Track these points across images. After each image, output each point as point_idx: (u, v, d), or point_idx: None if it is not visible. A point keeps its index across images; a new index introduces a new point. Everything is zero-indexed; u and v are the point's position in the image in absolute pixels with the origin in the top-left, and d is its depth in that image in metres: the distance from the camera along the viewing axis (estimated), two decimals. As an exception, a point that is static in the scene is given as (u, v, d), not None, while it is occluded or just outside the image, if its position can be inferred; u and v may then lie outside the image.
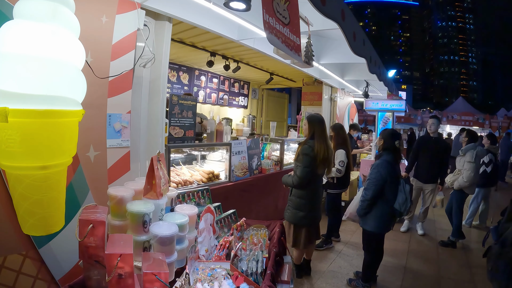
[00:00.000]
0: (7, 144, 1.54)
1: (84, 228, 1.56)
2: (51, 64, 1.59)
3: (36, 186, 1.66)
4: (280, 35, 2.62)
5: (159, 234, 1.94)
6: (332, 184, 5.57)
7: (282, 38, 2.65)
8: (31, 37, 1.56)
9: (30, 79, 1.53)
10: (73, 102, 1.73)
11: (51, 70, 1.58)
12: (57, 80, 1.61)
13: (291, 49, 2.83)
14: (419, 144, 6.67)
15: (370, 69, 4.85)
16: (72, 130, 1.77)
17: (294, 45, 2.91)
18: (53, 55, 1.60)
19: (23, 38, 1.55)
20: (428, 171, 6.38)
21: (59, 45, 1.63)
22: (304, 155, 3.95)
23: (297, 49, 2.97)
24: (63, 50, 1.66)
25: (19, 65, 1.52)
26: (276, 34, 2.55)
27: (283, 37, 2.67)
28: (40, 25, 1.59)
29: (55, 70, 1.60)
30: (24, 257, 2.43)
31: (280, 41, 2.62)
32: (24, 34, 1.56)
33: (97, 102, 2.72)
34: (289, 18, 2.76)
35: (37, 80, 1.54)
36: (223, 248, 2.45)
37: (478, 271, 5.04)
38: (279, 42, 2.60)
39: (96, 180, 2.78)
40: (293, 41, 2.87)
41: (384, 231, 4.17)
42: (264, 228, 2.98)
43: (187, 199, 3.08)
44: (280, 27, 2.61)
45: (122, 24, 2.90)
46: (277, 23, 2.54)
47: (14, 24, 1.58)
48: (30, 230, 1.77)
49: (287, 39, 2.75)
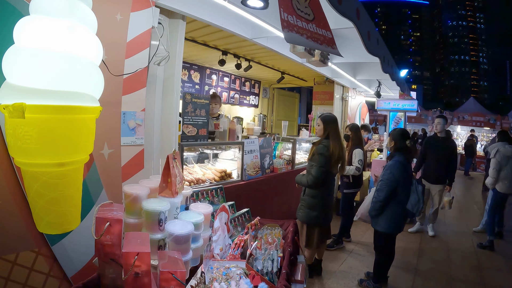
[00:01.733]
0: (23, 141, 1.52)
1: (101, 226, 1.54)
2: (68, 60, 1.58)
3: (53, 183, 1.64)
4: (304, 32, 2.58)
5: (175, 233, 1.93)
6: (348, 183, 5.58)
7: (307, 34, 2.61)
8: (48, 32, 1.55)
9: (47, 75, 1.52)
10: (90, 98, 1.72)
11: (68, 65, 1.57)
12: (74, 75, 1.59)
13: (321, 43, 2.78)
14: (426, 144, 6.64)
15: (384, 69, 4.81)
16: (89, 127, 1.76)
17: (325, 39, 2.86)
18: (70, 51, 1.59)
19: (39, 33, 1.54)
20: (435, 172, 6.34)
21: (76, 40, 1.62)
22: (319, 155, 3.94)
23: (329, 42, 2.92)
24: (80, 46, 1.64)
25: (35, 60, 1.51)
26: (298, 31, 2.51)
27: (308, 33, 2.62)
28: (56, 20, 1.57)
29: (72, 66, 1.58)
30: (37, 254, 2.42)
31: (305, 37, 2.58)
32: (41, 29, 1.55)
33: (111, 99, 2.71)
34: (313, 14, 2.72)
35: (54, 75, 1.53)
36: (238, 247, 2.44)
37: (490, 273, 5.06)
38: (303, 38, 2.56)
39: (110, 177, 2.78)
40: (322, 35, 2.82)
41: (396, 231, 4.16)
42: (278, 227, 2.98)
43: (201, 198, 3.07)
44: (304, 24, 2.57)
45: (136, 22, 2.89)
46: (298, 20, 2.50)
47: (31, 20, 1.57)
48: (45, 229, 1.76)
49: (314, 34, 2.71)
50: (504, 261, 5.62)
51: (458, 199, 10.49)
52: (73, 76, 1.59)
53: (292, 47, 3.23)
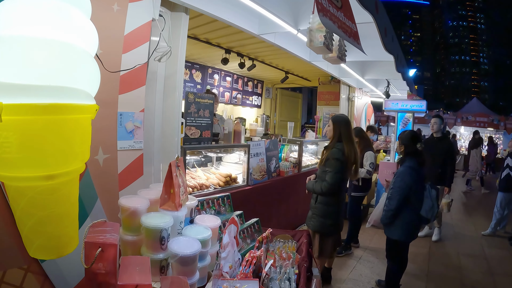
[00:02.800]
0: (2, 150, 1.19)
1: (92, 252, 1.28)
2: (57, 47, 1.25)
3: (42, 200, 1.32)
4: (336, 19, 2.36)
5: (180, 253, 1.69)
6: (358, 186, 5.43)
7: (338, 22, 2.40)
8: (32, 14, 1.23)
9: (30, 66, 1.19)
10: (85, 94, 1.40)
11: (56, 54, 1.24)
12: (64, 67, 1.27)
13: (349, 35, 2.59)
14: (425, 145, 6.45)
15: (397, 68, 4.67)
16: (83, 130, 1.43)
17: (352, 32, 2.67)
18: (59, 37, 1.27)
19: (21, 15, 1.22)
20: (431, 173, 6.07)
21: (68, 24, 1.31)
22: (335, 160, 3.72)
23: (355, 36, 2.71)
24: (72, 31, 1.33)
25: (15, 49, 1.19)
26: (331, 18, 2.29)
27: (338, 22, 2.42)
28: (44, 1, 1.27)
29: (62, 55, 1.26)
30: (26, 271, 2.19)
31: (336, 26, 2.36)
32: (25, 11, 1.23)
33: (107, 99, 2.46)
34: (341, 2, 2.50)
35: (39, 66, 1.21)
36: (250, 264, 2.19)
37: (502, 279, 4.98)
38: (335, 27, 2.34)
39: (106, 186, 2.53)
40: (349, 27, 2.62)
41: (410, 239, 3.99)
42: (291, 240, 2.79)
43: (206, 207, 2.82)
44: (334, 10, 2.36)
45: (135, 14, 2.65)
46: (330, 6, 2.27)
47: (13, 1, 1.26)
48: (37, 253, 1.45)
49: (343, 24, 2.50)
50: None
51: (463, 201, 10.52)
52: (63, 68, 1.26)
53: (308, 41, 3.02)
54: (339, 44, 3.59)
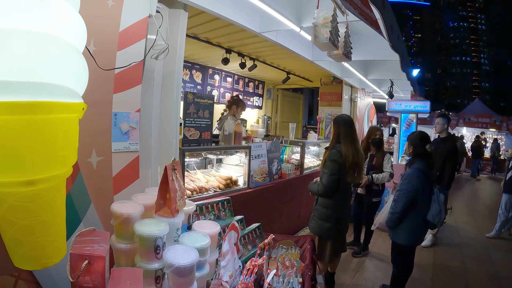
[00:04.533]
0: None
1: (78, 265, 1.16)
2: (36, 39, 1.13)
3: (22, 207, 1.20)
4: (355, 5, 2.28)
5: (176, 264, 1.58)
6: (378, 191, 5.36)
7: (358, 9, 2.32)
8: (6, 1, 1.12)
9: (5, 60, 1.09)
10: (69, 91, 1.27)
11: (35, 47, 1.13)
12: (44, 60, 1.14)
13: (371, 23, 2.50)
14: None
15: (403, 67, 4.59)
16: (68, 130, 1.31)
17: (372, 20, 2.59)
18: (38, 27, 1.15)
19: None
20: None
21: (45, 13, 1.19)
22: (331, 161, 3.64)
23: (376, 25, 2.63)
24: (52, 21, 1.20)
25: None
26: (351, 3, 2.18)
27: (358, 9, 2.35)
28: None
29: (41, 47, 1.13)
30: (17, 278, 2.12)
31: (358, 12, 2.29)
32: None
33: (100, 98, 2.36)
34: None
35: (16, 61, 1.09)
36: (251, 273, 2.09)
37: (508, 282, 4.96)
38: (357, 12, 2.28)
39: (100, 190, 2.43)
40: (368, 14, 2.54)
41: (416, 243, 3.94)
42: (294, 246, 2.73)
43: (205, 212, 2.74)
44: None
45: (131, 9, 2.54)
46: None
47: None
48: (20, 263, 1.33)
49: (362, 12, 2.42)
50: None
51: (467, 203, 10.48)
52: (42, 62, 1.14)
53: (314, 37, 2.94)
54: (345, 40, 3.50)
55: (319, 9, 2.91)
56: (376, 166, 5.25)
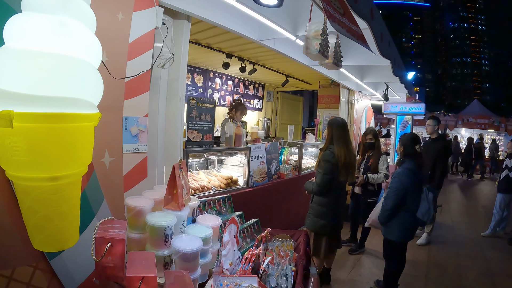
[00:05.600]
0: (12, 152, 1.34)
1: (101, 247, 1.39)
2: (60, 61, 1.38)
3: (45, 199, 1.46)
4: (343, 25, 2.49)
5: (182, 250, 1.80)
6: (374, 191, 5.52)
7: (345, 27, 2.53)
8: (37, 30, 1.35)
9: (36, 78, 1.32)
10: (87, 104, 1.53)
11: (60, 67, 1.36)
12: (67, 79, 1.39)
13: (358, 38, 2.71)
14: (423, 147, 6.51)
15: (394, 71, 4.74)
16: (86, 136, 1.57)
17: (359, 35, 2.79)
18: (62, 51, 1.40)
19: (27, 31, 1.35)
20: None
21: (69, 39, 1.43)
22: (324, 162, 3.85)
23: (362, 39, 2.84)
24: (75, 45, 1.45)
25: (23, 62, 1.31)
26: (339, 24, 2.41)
27: (346, 27, 2.55)
28: (47, 16, 1.39)
29: (65, 68, 1.38)
30: (34, 269, 2.28)
31: (345, 30, 2.50)
32: (29, 26, 1.35)
33: (112, 104, 2.57)
34: (342, 9, 2.63)
35: (44, 79, 1.33)
36: (249, 261, 2.31)
37: (501, 279, 5.05)
38: (344, 31, 2.49)
39: (111, 187, 2.63)
40: (355, 30, 2.75)
41: (407, 240, 4.10)
42: (290, 239, 2.90)
43: (207, 208, 2.94)
44: (339, 17, 2.48)
45: (139, 22, 2.75)
46: (335, 12, 2.40)
47: (19, 17, 1.38)
48: (40, 246, 1.59)
49: (350, 29, 2.63)
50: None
51: (464, 203, 10.55)
52: (66, 80, 1.40)
53: (305, 48, 3.13)
54: (335, 50, 3.69)
55: (310, 22, 3.12)
56: (372, 167, 5.42)
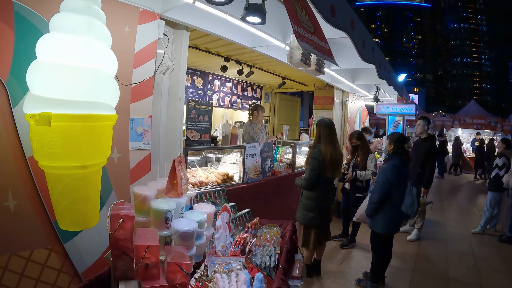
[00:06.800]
0: (49, 146, 1.72)
1: (115, 222, 1.70)
2: (88, 73, 1.78)
3: (75, 184, 1.84)
4: (311, 42, 2.76)
5: (181, 230, 2.08)
6: (361, 187, 5.76)
7: (313, 45, 2.80)
8: (69, 48, 1.75)
9: (70, 87, 1.72)
10: (109, 107, 1.92)
11: (88, 78, 1.77)
12: (94, 87, 1.80)
13: (324, 53, 2.96)
14: (413, 147, 6.73)
15: (379, 75, 4.92)
16: (107, 133, 1.97)
17: (325, 50, 3.05)
18: (89, 64, 1.79)
19: (62, 48, 1.74)
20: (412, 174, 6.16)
21: (94, 55, 1.82)
22: (312, 159, 4.10)
23: (329, 54, 3.11)
24: (98, 60, 1.85)
25: (60, 74, 1.71)
26: (308, 42, 2.69)
27: (314, 44, 2.81)
28: (76, 37, 1.77)
29: (92, 78, 1.79)
30: (50, 251, 2.52)
31: (312, 47, 2.77)
32: (62, 45, 1.74)
33: (121, 107, 2.82)
34: (313, 27, 2.88)
35: (76, 87, 1.73)
36: (238, 244, 2.58)
37: (487, 274, 5.13)
38: (311, 48, 2.75)
39: (119, 180, 2.93)
40: (323, 46, 3.01)
41: (392, 232, 4.30)
42: (277, 227, 3.08)
43: (204, 199, 3.22)
44: (309, 35, 2.74)
45: (143, 34, 3.04)
46: (305, 32, 2.68)
47: (53, 36, 1.77)
48: (68, 226, 1.94)
49: (318, 46, 2.89)
50: (502, 263, 5.70)
51: (459, 202, 10.55)
52: (93, 88, 1.79)
53: (289, 57, 3.39)
54: (317, 59, 3.97)
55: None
56: (361, 165, 5.69)
